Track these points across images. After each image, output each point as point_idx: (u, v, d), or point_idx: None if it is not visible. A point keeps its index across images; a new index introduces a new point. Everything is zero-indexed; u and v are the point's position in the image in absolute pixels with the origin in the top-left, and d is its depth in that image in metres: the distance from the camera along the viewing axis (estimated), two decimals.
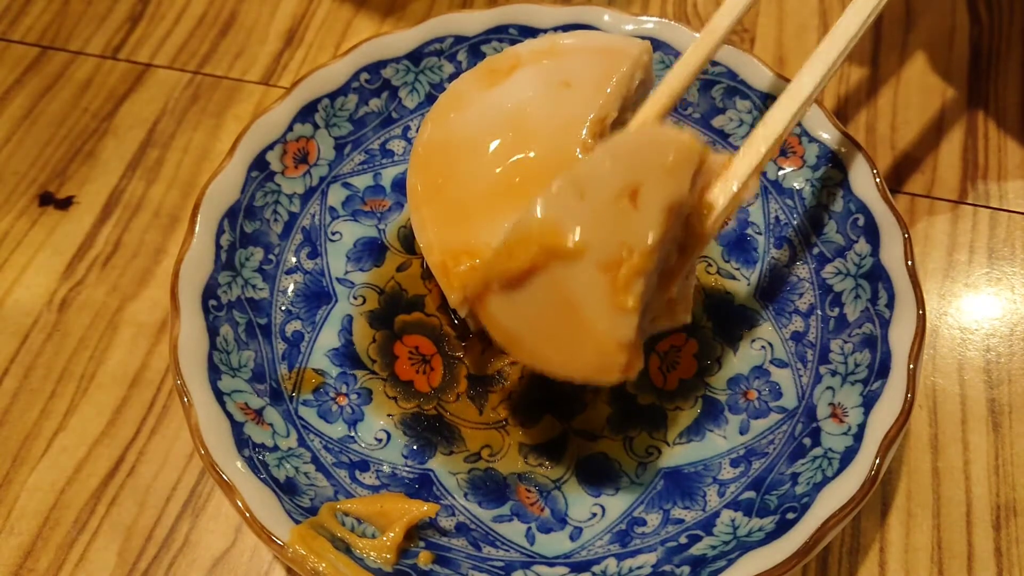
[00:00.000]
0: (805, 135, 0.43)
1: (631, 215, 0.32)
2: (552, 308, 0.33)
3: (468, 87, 0.42)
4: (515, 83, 0.41)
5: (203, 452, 0.35)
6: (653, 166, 0.32)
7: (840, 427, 0.37)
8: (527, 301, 0.33)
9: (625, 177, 0.32)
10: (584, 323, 0.32)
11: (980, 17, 0.55)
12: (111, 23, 0.57)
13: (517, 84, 0.41)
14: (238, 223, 0.42)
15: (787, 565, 0.32)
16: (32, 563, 0.39)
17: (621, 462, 0.39)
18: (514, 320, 0.34)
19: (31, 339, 0.45)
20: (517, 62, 0.42)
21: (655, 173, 0.32)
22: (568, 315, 0.32)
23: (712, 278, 0.44)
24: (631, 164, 0.32)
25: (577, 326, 0.32)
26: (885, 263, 0.39)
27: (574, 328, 0.32)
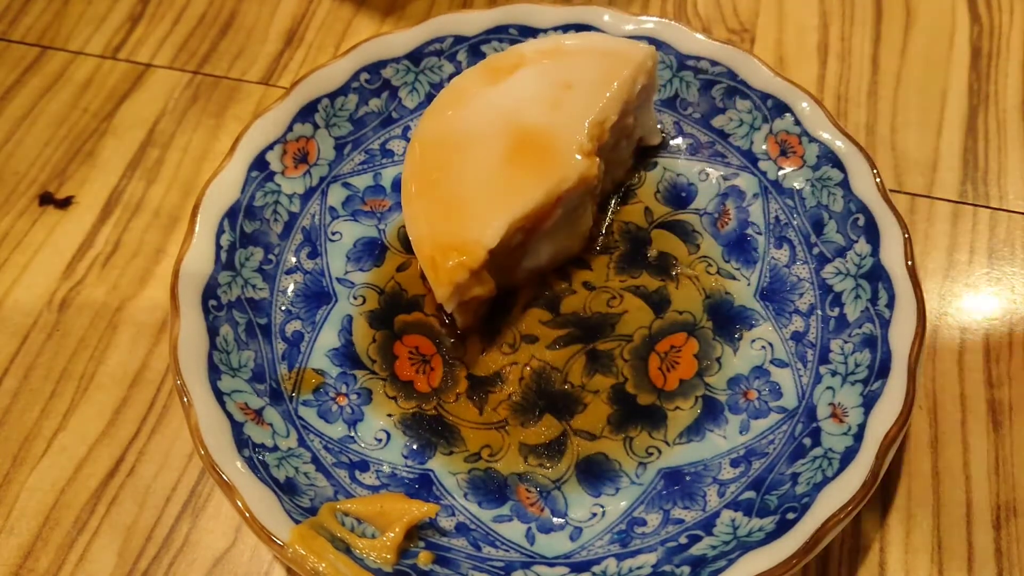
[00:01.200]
0: (805, 135, 0.43)
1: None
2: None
3: (470, 84, 0.42)
4: (516, 82, 0.42)
5: (203, 452, 0.34)
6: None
7: (840, 427, 0.37)
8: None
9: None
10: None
11: (980, 17, 0.55)
12: (111, 23, 0.57)
13: (518, 83, 0.42)
14: (238, 223, 0.42)
15: (787, 565, 0.32)
16: (32, 563, 0.39)
17: (621, 462, 0.39)
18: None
19: (31, 339, 0.45)
20: (520, 61, 0.42)
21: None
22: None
23: (712, 278, 0.44)
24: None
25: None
26: (885, 263, 0.39)
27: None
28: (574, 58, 0.43)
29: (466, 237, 0.38)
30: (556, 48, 0.43)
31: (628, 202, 0.46)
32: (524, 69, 0.42)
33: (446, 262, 0.38)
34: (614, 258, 0.45)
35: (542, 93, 0.41)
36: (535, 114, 0.41)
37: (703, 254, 0.44)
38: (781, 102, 0.44)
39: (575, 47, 0.43)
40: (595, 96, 0.41)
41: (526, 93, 0.41)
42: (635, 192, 0.46)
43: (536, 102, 0.41)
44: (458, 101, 0.42)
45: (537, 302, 0.43)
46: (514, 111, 0.41)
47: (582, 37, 0.44)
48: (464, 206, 0.39)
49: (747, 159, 0.45)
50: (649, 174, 0.47)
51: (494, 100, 0.41)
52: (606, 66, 0.42)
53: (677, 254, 0.44)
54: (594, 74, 0.42)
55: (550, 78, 0.42)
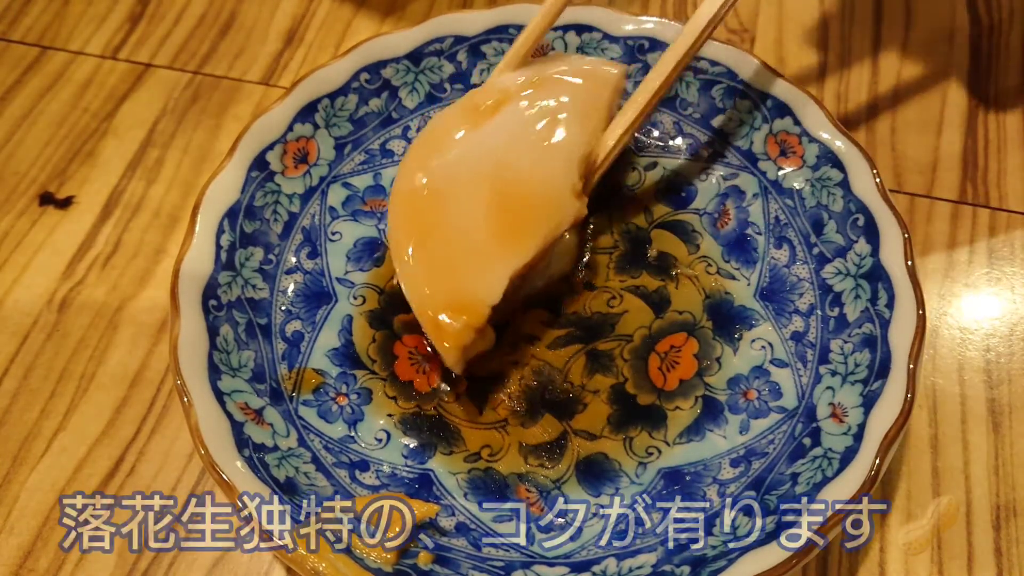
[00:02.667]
0: (805, 135, 0.43)
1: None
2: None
3: (451, 126, 0.42)
4: (499, 123, 0.41)
5: (203, 452, 0.34)
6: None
7: (840, 427, 0.37)
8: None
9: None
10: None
11: (980, 17, 0.55)
12: (111, 23, 0.57)
13: (501, 124, 0.41)
14: (238, 223, 0.42)
15: (787, 565, 0.32)
16: (32, 563, 0.39)
17: (621, 462, 0.39)
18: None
19: (31, 339, 0.45)
20: (503, 98, 0.42)
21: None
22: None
23: (712, 278, 0.44)
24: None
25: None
26: (885, 263, 0.39)
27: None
28: (556, 87, 0.42)
29: (467, 296, 0.38)
30: (539, 79, 0.43)
31: (628, 202, 0.46)
32: (506, 107, 0.41)
33: (450, 324, 0.37)
34: (614, 258, 0.45)
35: (526, 134, 0.41)
36: (522, 157, 0.40)
37: (703, 254, 0.44)
38: (781, 102, 0.44)
39: (557, 75, 0.43)
40: (581, 129, 0.41)
41: (510, 134, 0.41)
42: (635, 192, 0.46)
43: (521, 145, 0.41)
44: (439, 147, 0.41)
45: (537, 302, 0.43)
46: (500, 156, 0.40)
47: (563, 62, 0.44)
48: (460, 263, 0.38)
49: (747, 159, 0.45)
50: (649, 174, 0.47)
51: (478, 145, 0.41)
52: (587, 92, 0.42)
53: (677, 254, 0.44)
54: (576, 103, 0.42)
55: (533, 114, 0.41)
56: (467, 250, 0.39)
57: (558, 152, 0.41)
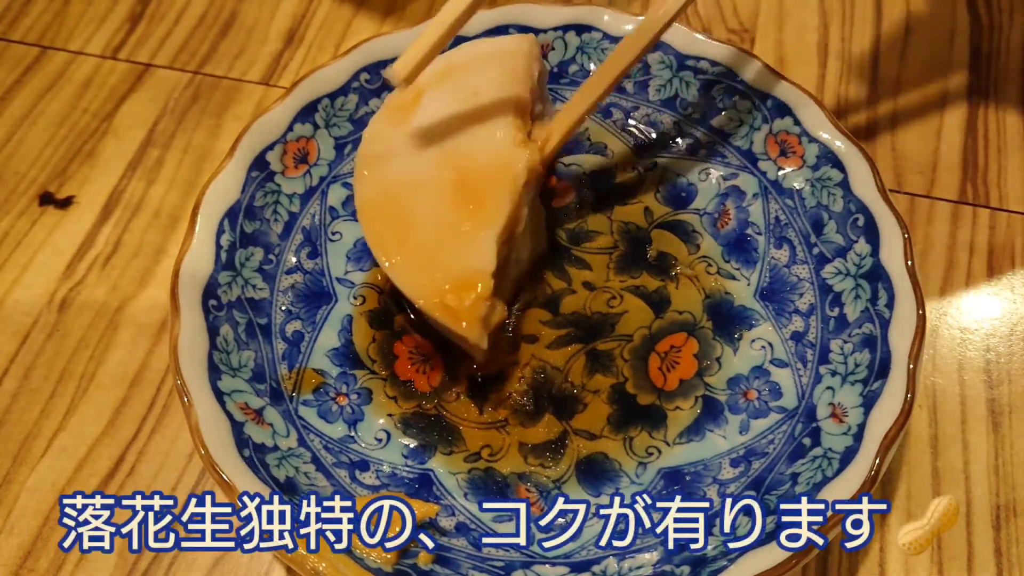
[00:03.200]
0: (805, 135, 0.43)
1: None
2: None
3: (383, 130, 0.41)
4: (426, 110, 0.41)
5: (203, 452, 0.34)
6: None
7: (840, 427, 0.37)
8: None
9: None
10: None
11: (980, 17, 0.55)
12: (111, 23, 0.57)
13: (428, 112, 0.41)
14: (238, 223, 0.42)
15: (787, 565, 0.32)
16: (32, 563, 0.39)
17: (621, 462, 0.39)
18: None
19: (31, 339, 0.45)
20: (419, 91, 0.42)
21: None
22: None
23: (712, 278, 0.44)
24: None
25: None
26: (885, 263, 0.39)
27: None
28: (468, 70, 0.42)
29: (465, 272, 0.37)
30: (447, 67, 0.42)
31: (628, 202, 0.46)
32: (427, 96, 0.41)
33: (461, 302, 0.37)
34: (614, 258, 0.45)
35: (454, 110, 0.41)
36: (459, 132, 0.40)
37: (703, 254, 0.44)
38: (781, 102, 0.44)
39: (464, 60, 0.43)
40: (504, 90, 0.41)
41: (440, 117, 0.40)
42: (635, 192, 0.46)
43: (456, 121, 0.40)
44: (380, 156, 0.41)
45: (537, 302, 0.43)
46: (441, 138, 0.40)
47: (465, 49, 0.44)
48: (446, 247, 0.38)
49: (747, 159, 0.45)
50: (649, 174, 0.47)
51: (416, 136, 0.40)
52: (499, 65, 0.42)
53: (677, 254, 0.44)
54: (493, 75, 0.41)
55: (456, 95, 0.41)
56: (446, 234, 0.38)
57: (488, 114, 0.40)
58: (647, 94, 0.47)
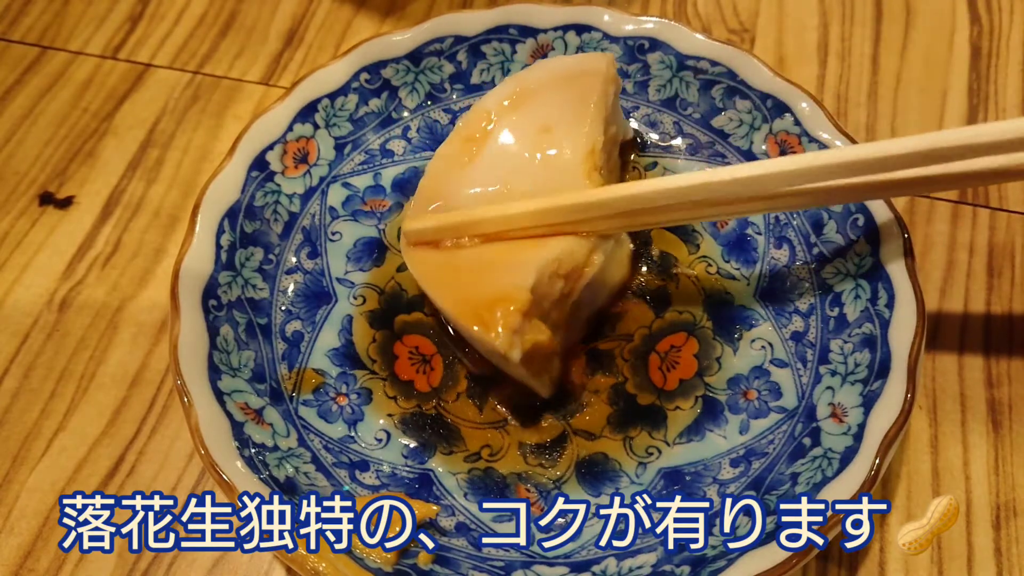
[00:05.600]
0: (805, 135, 0.43)
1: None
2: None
3: (449, 167, 0.42)
4: (494, 151, 0.41)
5: (203, 452, 0.35)
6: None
7: (840, 427, 0.37)
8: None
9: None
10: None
11: (980, 17, 0.55)
12: (111, 23, 0.57)
13: (497, 151, 0.41)
14: (238, 223, 0.42)
15: (787, 565, 0.32)
16: (32, 563, 0.39)
17: (621, 462, 0.39)
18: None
19: (31, 339, 0.45)
20: (489, 120, 0.42)
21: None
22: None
23: (712, 278, 0.44)
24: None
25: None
26: (885, 263, 0.39)
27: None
28: (540, 97, 0.42)
29: (504, 288, 0.37)
30: (520, 91, 0.42)
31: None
32: (495, 130, 0.41)
33: (494, 315, 0.37)
34: None
35: (524, 151, 0.41)
36: (527, 176, 0.40)
37: (703, 254, 0.44)
38: (781, 102, 0.44)
39: (537, 82, 0.43)
40: (577, 127, 0.41)
41: (509, 159, 0.41)
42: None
43: (521, 162, 0.41)
44: (443, 190, 0.41)
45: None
46: (505, 182, 0.40)
47: (540, 68, 0.44)
48: (495, 273, 0.38)
49: (747, 159, 0.45)
50: (649, 174, 0.47)
51: (481, 179, 0.41)
52: (576, 90, 0.42)
53: (677, 254, 0.44)
54: (565, 105, 0.41)
55: (525, 130, 0.41)
56: (497, 263, 0.39)
57: (558, 157, 0.40)
58: (647, 94, 0.47)
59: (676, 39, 0.46)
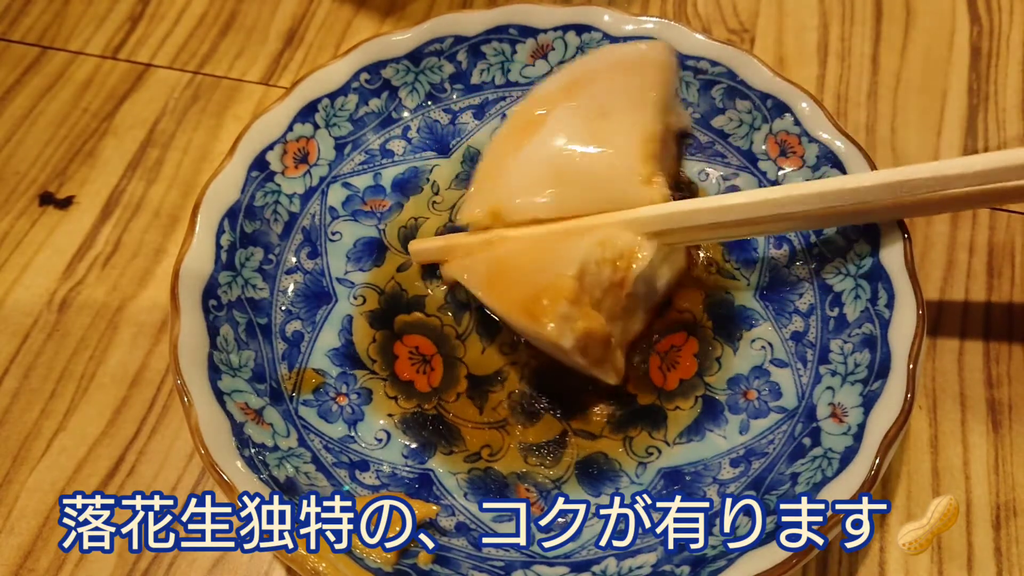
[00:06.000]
0: (805, 135, 0.43)
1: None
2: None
3: (508, 148, 0.41)
4: (550, 134, 0.40)
5: (203, 452, 0.35)
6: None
7: (840, 427, 0.37)
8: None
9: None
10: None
11: (980, 17, 0.55)
12: (111, 23, 0.57)
13: (552, 135, 0.40)
14: (238, 223, 0.42)
15: (787, 565, 0.32)
16: (32, 563, 0.39)
17: (621, 462, 0.39)
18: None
19: (31, 339, 0.45)
20: (545, 107, 0.41)
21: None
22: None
23: (712, 278, 0.44)
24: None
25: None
26: (885, 263, 0.39)
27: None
28: (598, 83, 0.41)
29: (548, 280, 0.37)
30: (574, 80, 0.42)
31: None
32: (553, 117, 0.41)
33: (542, 305, 0.36)
34: None
35: (578, 133, 0.40)
36: (581, 164, 0.40)
37: (703, 253, 0.44)
38: (781, 102, 0.44)
39: (595, 70, 0.42)
40: (635, 114, 0.40)
41: (563, 142, 0.40)
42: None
43: (575, 148, 0.40)
44: (501, 172, 0.41)
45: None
46: (561, 167, 0.40)
47: (597, 56, 0.44)
48: (538, 268, 0.38)
49: (747, 159, 0.45)
50: None
51: (533, 164, 0.40)
52: (636, 78, 0.41)
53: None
54: (625, 92, 0.41)
55: (583, 117, 0.40)
56: (539, 257, 0.39)
57: (616, 143, 0.40)
58: None
59: (676, 39, 0.46)
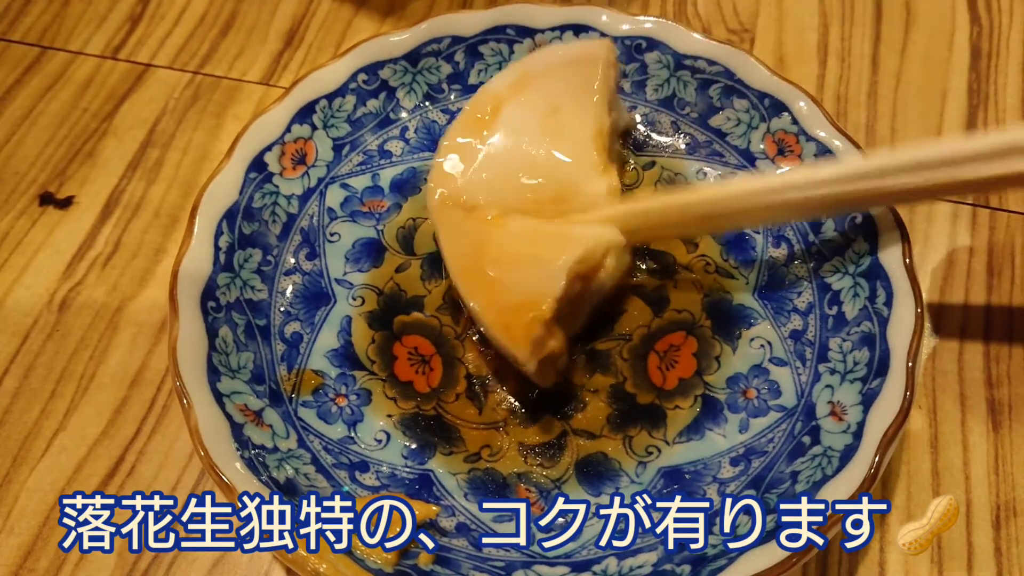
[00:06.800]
0: (803, 134, 0.43)
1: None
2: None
3: (463, 146, 0.42)
4: (505, 127, 0.42)
5: (203, 453, 0.35)
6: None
7: (839, 425, 0.37)
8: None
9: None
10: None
11: (980, 17, 0.55)
12: (111, 23, 0.57)
13: (507, 127, 0.42)
14: (236, 224, 0.42)
15: (786, 564, 0.32)
16: (32, 563, 0.39)
17: (621, 461, 0.39)
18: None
19: (31, 339, 0.45)
20: (498, 101, 0.42)
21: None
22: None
23: (711, 277, 0.44)
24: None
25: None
26: (883, 261, 0.39)
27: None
28: (545, 80, 0.43)
29: (531, 294, 0.37)
30: (524, 75, 0.43)
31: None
32: (505, 110, 0.42)
33: (519, 321, 0.37)
34: None
35: (533, 128, 0.42)
36: (538, 154, 0.41)
37: (701, 253, 0.44)
38: (778, 101, 0.44)
39: (541, 68, 0.43)
40: (584, 109, 0.41)
41: (518, 136, 0.41)
42: (633, 192, 0.46)
43: (533, 141, 0.41)
44: (456, 173, 0.42)
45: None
46: (517, 161, 0.41)
47: (542, 54, 0.44)
48: (517, 271, 0.39)
49: (744, 158, 0.45)
50: (647, 173, 0.47)
51: (491, 158, 0.41)
52: (579, 74, 0.42)
53: (675, 253, 0.44)
54: (571, 87, 0.42)
55: (534, 110, 0.42)
56: (521, 258, 0.39)
57: (569, 136, 0.41)
58: (645, 94, 0.47)
59: (673, 39, 0.46)
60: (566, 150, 0.41)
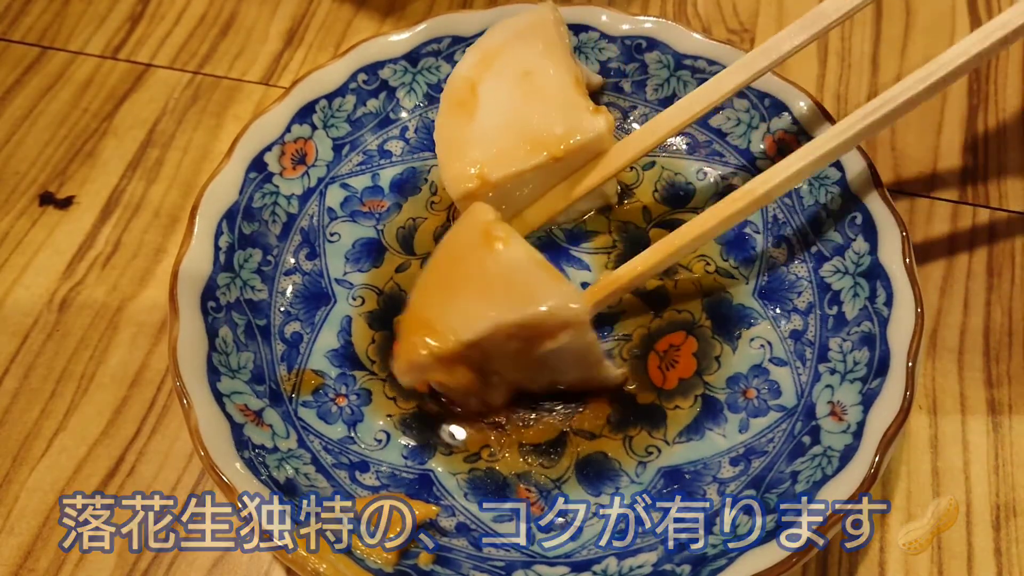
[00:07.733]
0: (802, 134, 0.43)
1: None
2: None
3: (451, 122, 0.43)
4: (489, 100, 0.43)
5: (203, 454, 0.35)
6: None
7: (839, 425, 0.37)
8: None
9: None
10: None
11: (980, 18, 0.55)
12: (111, 23, 0.57)
13: (492, 100, 0.43)
14: (236, 224, 0.42)
15: (786, 564, 0.32)
16: (32, 563, 0.39)
17: (621, 461, 0.39)
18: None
19: (31, 339, 0.45)
20: (471, 82, 0.43)
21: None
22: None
23: (711, 276, 0.44)
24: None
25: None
26: (883, 261, 0.39)
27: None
28: (507, 52, 0.44)
29: (450, 323, 0.37)
30: (485, 55, 0.44)
31: (626, 202, 0.46)
32: (481, 87, 0.43)
33: (417, 337, 0.37)
34: (612, 257, 0.45)
35: (515, 95, 0.42)
36: (530, 114, 0.42)
37: (701, 252, 0.44)
38: (779, 101, 0.44)
39: (498, 43, 0.44)
40: (553, 64, 0.43)
41: (505, 104, 0.42)
42: (633, 192, 0.46)
43: (520, 104, 0.42)
44: (461, 145, 0.42)
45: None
46: (514, 125, 0.42)
47: (494, 34, 0.45)
48: (465, 297, 0.38)
49: (745, 158, 0.45)
50: (647, 173, 0.47)
51: (494, 130, 0.42)
52: (534, 39, 0.43)
53: None
54: (534, 51, 0.43)
55: (509, 79, 0.43)
56: (478, 290, 0.38)
57: (550, 90, 0.42)
58: (645, 94, 0.47)
59: (673, 38, 0.46)
60: (553, 102, 0.42)
